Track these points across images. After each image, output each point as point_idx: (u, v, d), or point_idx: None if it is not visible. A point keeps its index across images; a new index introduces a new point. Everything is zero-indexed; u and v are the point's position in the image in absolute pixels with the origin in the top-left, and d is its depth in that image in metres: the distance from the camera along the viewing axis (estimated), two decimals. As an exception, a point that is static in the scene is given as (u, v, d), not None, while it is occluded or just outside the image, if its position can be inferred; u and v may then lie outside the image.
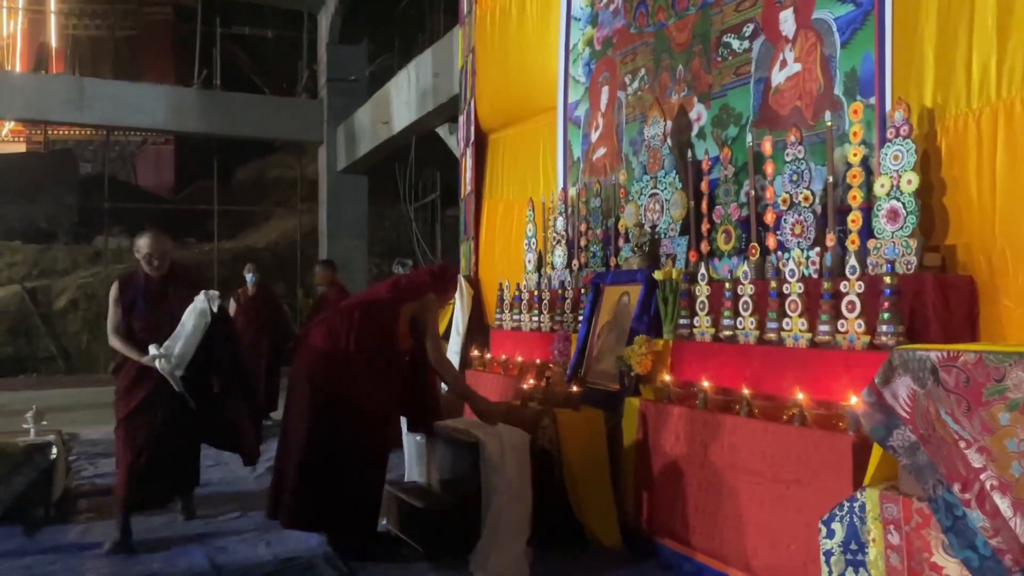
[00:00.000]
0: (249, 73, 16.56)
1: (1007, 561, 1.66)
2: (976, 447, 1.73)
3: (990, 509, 1.70)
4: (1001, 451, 1.69)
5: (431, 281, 3.99)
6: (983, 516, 1.71)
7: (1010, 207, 2.84)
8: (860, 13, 3.49)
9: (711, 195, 4.08)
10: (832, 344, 3.13)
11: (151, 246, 4.00)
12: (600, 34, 5.39)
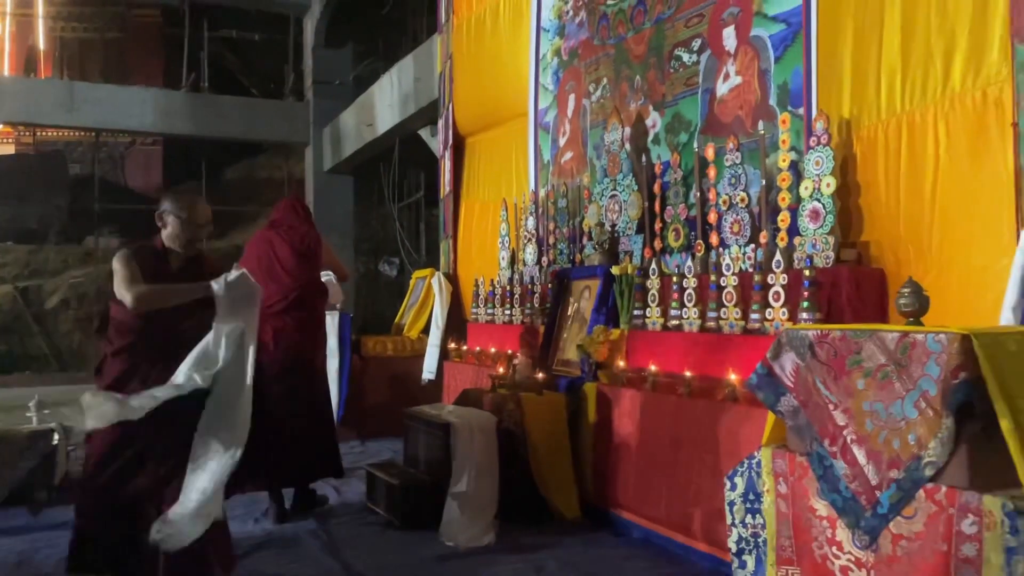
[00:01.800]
0: (238, 75, 16.82)
1: (863, 500, 2.02)
2: (841, 408, 2.09)
3: (850, 459, 2.06)
4: (858, 411, 2.05)
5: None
6: (845, 465, 2.07)
7: (912, 207, 3.21)
8: (791, 32, 3.85)
9: (663, 197, 4.44)
10: (761, 330, 3.49)
11: (206, 213, 3.07)
12: (567, 45, 5.75)
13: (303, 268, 4.37)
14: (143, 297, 2.82)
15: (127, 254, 2.95)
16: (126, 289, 2.83)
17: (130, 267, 2.89)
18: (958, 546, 1.79)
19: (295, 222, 4.49)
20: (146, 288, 2.83)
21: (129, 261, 2.91)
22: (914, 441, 1.90)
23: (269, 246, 4.38)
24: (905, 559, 1.90)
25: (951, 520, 1.81)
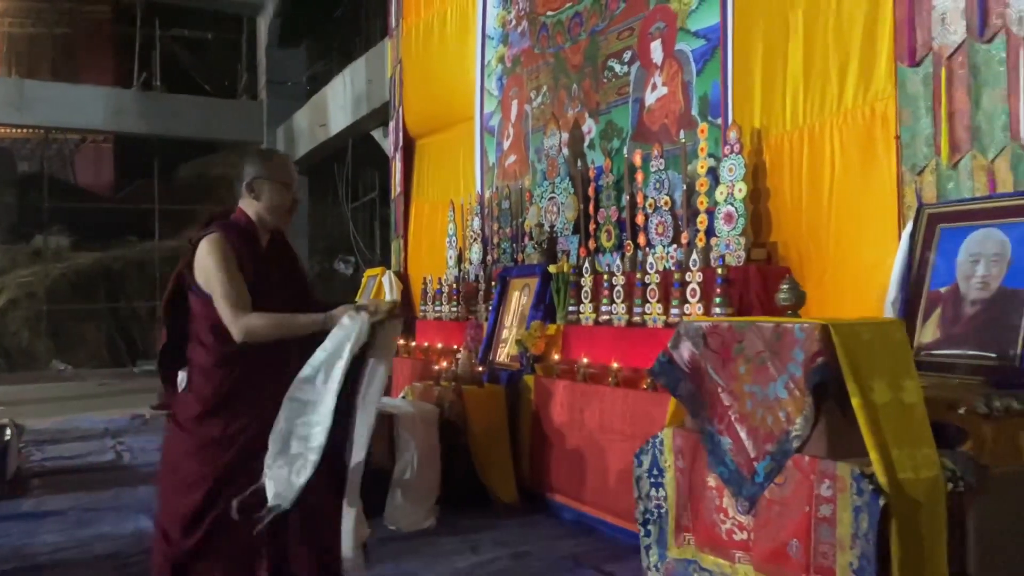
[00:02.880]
0: (192, 74, 16.75)
1: (744, 471, 2.29)
2: (727, 391, 2.37)
3: (734, 435, 2.33)
4: (741, 393, 2.32)
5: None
6: (730, 440, 2.34)
7: (812, 211, 3.52)
8: (710, 47, 4.14)
9: (597, 199, 4.71)
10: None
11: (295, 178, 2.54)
12: (510, 52, 5.99)
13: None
14: (254, 332, 2.25)
15: (220, 241, 2.29)
16: (232, 314, 2.24)
17: (229, 266, 2.27)
18: (817, 507, 2.07)
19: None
20: (258, 320, 2.24)
21: (226, 253, 2.27)
22: (784, 418, 2.18)
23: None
24: (777, 520, 2.18)
25: (812, 485, 2.09)
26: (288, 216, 2.49)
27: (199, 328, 2.36)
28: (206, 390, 2.34)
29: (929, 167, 2.98)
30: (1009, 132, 2.73)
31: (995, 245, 2.70)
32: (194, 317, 2.36)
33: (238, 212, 2.43)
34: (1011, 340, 2.56)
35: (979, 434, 2.13)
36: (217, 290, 2.27)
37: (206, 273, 2.29)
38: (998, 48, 2.76)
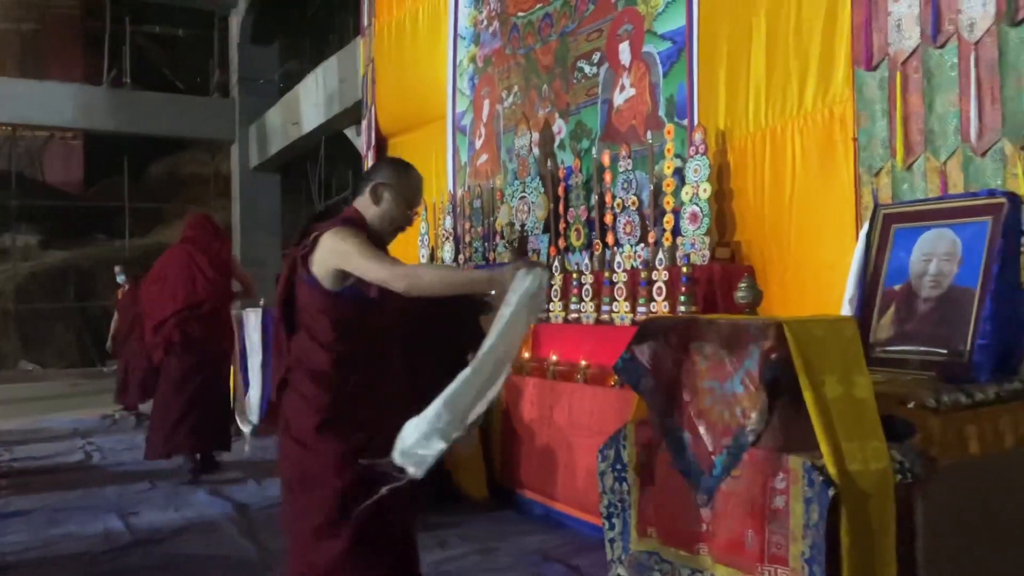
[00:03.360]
0: (163, 71, 16.59)
1: (703, 465, 2.36)
2: (687, 387, 2.43)
3: (693, 430, 2.39)
4: (700, 388, 2.38)
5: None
6: (689, 435, 2.40)
7: (774, 211, 3.60)
8: (676, 49, 4.21)
9: (567, 199, 4.76)
10: (647, 322, 3.84)
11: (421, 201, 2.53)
12: (482, 52, 6.03)
13: (220, 281, 5.16)
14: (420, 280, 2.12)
15: (352, 229, 2.22)
16: (390, 268, 2.12)
17: (367, 242, 2.19)
18: (771, 499, 2.13)
19: (210, 239, 5.26)
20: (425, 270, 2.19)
21: (363, 237, 2.19)
22: (740, 413, 2.24)
23: (190, 260, 5.12)
24: (734, 512, 2.24)
25: (766, 477, 2.15)
26: (395, 233, 2.42)
27: (319, 327, 2.24)
28: (324, 398, 2.22)
29: (885, 168, 3.06)
30: (960, 135, 2.82)
31: (947, 244, 2.78)
32: (311, 317, 2.25)
33: (352, 211, 2.34)
34: (961, 336, 2.65)
35: (927, 427, 2.20)
36: (364, 262, 2.13)
37: (341, 256, 2.16)
38: (950, 53, 2.85)
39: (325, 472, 2.22)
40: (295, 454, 2.27)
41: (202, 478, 5.05)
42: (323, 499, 2.22)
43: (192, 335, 5.03)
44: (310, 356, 2.25)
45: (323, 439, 2.23)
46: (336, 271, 2.20)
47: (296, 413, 2.27)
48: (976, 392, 2.40)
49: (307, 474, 2.25)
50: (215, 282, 5.14)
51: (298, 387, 2.26)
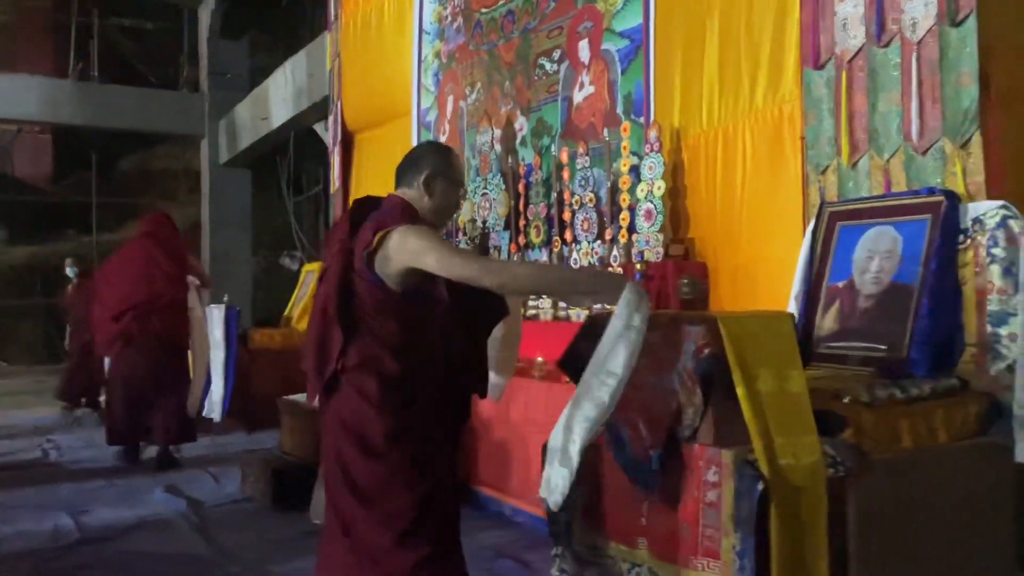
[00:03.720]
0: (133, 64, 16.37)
1: (641, 459, 2.37)
2: (628, 382, 2.44)
3: (634, 425, 2.40)
4: (642, 383, 2.38)
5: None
6: (629, 430, 2.42)
7: (726, 208, 3.62)
8: (634, 47, 4.23)
9: (527, 196, 4.76)
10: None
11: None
12: (446, 48, 6.01)
13: (177, 275, 5.31)
14: (516, 278, 2.04)
15: (423, 227, 2.10)
16: (479, 263, 2.04)
17: (443, 238, 2.11)
18: (705, 492, 2.15)
19: (167, 234, 5.45)
20: (520, 266, 2.09)
21: (433, 231, 2.09)
22: (677, 408, 2.26)
23: (147, 255, 5.29)
24: (670, 506, 2.26)
25: (701, 472, 2.17)
26: (447, 222, 2.34)
27: (386, 331, 2.12)
28: (395, 402, 2.13)
29: (831, 167, 3.10)
30: (902, 134, 2.86)
31: (888, 242, 2.83)
32: (376, 320, 2.12)
33: (402, 204, 2.17)
34: (900, 333, 2.69)
35: (860, 422, 2.23)
36: (445, 259, 1.99)
37: (415, 255, 2.02)
38: (893, 53, 2.89)
39: (401, 479, 2.15)
40: (362, 461, 2.15)
41: (160, 474, 5.01)
42: (403, 507, 2.15)
43: (151, 328, 5.20)
44: (378, 360, 2.12)
45: (396, 446, 2.14)
46: (406, 270, 2.07)
47: (362, 419, 2.14)
48: (912, 388, 2.43)
49: (382, 482, 2.15)
50: (173, 276, 5.31)
51: (364, 391, 2.12)
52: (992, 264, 2.55)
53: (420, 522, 2.18)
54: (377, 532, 2.17)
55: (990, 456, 2.46)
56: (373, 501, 2.17)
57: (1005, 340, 2.51)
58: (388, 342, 2.13)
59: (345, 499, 2.19)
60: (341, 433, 2.18)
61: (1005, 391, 2.50)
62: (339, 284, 2.15)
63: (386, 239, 2.06)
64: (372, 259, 2.08)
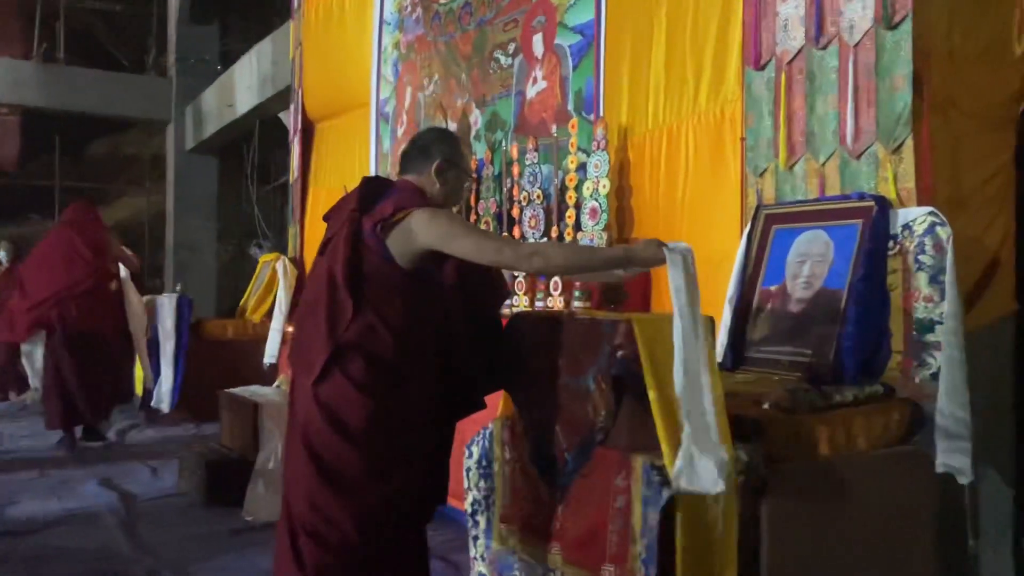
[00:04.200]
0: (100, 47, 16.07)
1: (558, 463, 2.32)
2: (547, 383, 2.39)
3: (550, 427, 2.36)
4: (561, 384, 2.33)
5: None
6: (545, 431, 2.37)
7: (668, 209, 3.58)
8: (585, 43, 4.17)
9: (478, 191, 4.70)
10: (543, 317, 3.80)
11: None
12: (405, 39, 5.93)
13: (97, 261, 5.51)
14: (550, 259, 2.01)
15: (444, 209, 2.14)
16: (512, 246, 2.01)
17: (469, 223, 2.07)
18: (614, 497, 2.10)
19: (88, 222, 5.68)
20: (553, 247, 1.97)
21: (457, 215, 2.09)
22: (592, 410, 2.21)
23: (69, 242, 5.48)
24: (583, 512, 2.21)
25: (611, 476, 2.12)
26: (456, 206, 2.37)
27: (390, 309, 2.07)
28: (380, 386, 2.06)
29: (770, 169, 3.06)
30: (838, 138, 2.82)
31: (820, 246, 2.79)
32: (381, 296, 2.07)
33: (416, 189, 2.17)
34: (828, 339, 2.66)
35: (776, 429, 2.19)
36: (476, 242, 1.98)
37: (442, 238, 2.00)
38: (832, 55, 2.85)
39: (376, 469, 2.09)
40: (337, 446, 2.07)
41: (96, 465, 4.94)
42: (372, 499, 2.11)
43: (69, 315, 5.36)
44: (372, 338, 2.06)
45: (376, 432, 2.08)
46: (424, 251, 2.04)
47: (343, 400, 2.06)
48: (835, 394, 2.40)
49: (355, 470, 2.08)
50: (92, 264, 5.48)
51: (350, 372, 2.05)
52: (919, 271, 2.52)
53: (385, 518, 2.13)
54: (341, 522, 2.09)
55: (910, 465, 2.44)
56: (342, 490, 2.09)
57: (930, 348, 2.49)
58: (389, 320, 2.07)
59: (310, 485, 2.10)
60: (317, 415, 2.09)
61: (929, 399, 2.47)
62: (348, 253, 2.08)
63: (409, 217, 2.03)
64: (387, 232, 2.04)
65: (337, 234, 2.16)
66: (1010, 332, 2.98)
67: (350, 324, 2.07)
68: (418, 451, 2.22)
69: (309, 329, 2.19)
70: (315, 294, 2.18)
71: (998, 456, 2.89)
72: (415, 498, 2.22)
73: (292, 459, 2.19)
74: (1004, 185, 2.88)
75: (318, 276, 2.20)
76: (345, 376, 2.07)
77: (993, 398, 2.91)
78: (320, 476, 2.10)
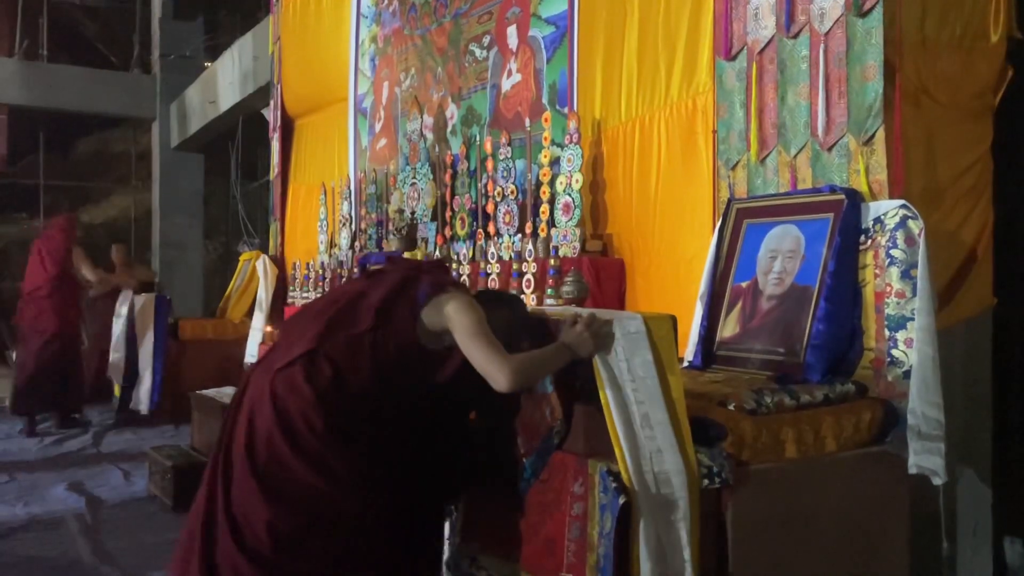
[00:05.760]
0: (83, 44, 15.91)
1: (517, 468, 2.25)
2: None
3: (510, 431, 2.28)
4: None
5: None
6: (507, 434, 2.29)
7: (641, 203, 3.50)
8: (559, 35, 4.09)
9: (453, 186, 4.61)
10: (516, 315, 3.72)
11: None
12: (382, 32, 5.83)
13: (54, 273, 6.21)
14: (523, 372, 1.98)
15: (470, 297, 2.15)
16: (500, 359, 1.96)
17: (486, 322, 2.05)
18: (571, 504, 2.03)
19: (55, 236, 6.35)
20: (521, 363, 1.97)
21: (481, 312, 2.06)
22: (550, 414, 2.13)
23: (37, 254, 6.30)
24: (540, 518, 2.13)
25: (568, 483, 2.04)
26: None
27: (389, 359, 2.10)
28: (336, 411, 2.05)
29: (741, 162, 2.98)
30: (810, 129, 2.74)
31: (791, 242, 2.72)
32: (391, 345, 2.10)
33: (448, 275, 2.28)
34: (798, 336, 2.59)
35: (740, 430, 2.11)
36: (483, 345, 1.99)
37: (459, 326, 2.04)
38: (802, 44, 2.77)
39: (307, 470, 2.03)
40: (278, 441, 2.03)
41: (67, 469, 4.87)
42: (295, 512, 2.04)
43: (24, 318, 6.23)
44: (353, 364, 2.07)
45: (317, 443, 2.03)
46: (441, 329, 2.09)
47: (297, 399, 2.04)
48: (803, 394, 2.32)
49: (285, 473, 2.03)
50: (50, 273, 6.20)
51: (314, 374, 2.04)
52: (891, 266, 2.44)
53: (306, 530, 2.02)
54: (258, 520, 2.00)
55: (882, 466, 2.36)
56: (273, 497, 2.01)
57: (902, 345, 2.41)
58: (381, 361, 2.09)
59: (241, 482, 2.03)
60: (267, 408, 2.05)
61: (901, 398, 2.39)
62: (394, 288, 2.15)
63: (447, 297, 2.09)
64: (434, 295, 2.11)
65: (393, 271, 2.24)
66: (988, 327, 2.91)
67: (347, 339, 2.08)
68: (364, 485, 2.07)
69: (296, 328, 2.19)
70: (327, 305, 2.20)
71: (976, 456, 2.83)
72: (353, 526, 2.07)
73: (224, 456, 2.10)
74: (981, 177, 2.80)
75: (342, 292, 2.27)
76: (308, 377, 2.04)
77: (971, 395, 2.84)
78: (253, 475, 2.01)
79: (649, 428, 1.97)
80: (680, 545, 1.94)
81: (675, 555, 1.93)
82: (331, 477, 2.02)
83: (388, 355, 2.09)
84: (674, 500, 1.94)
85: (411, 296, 2.13)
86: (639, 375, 1.97)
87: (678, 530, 1.94)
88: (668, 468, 1.94)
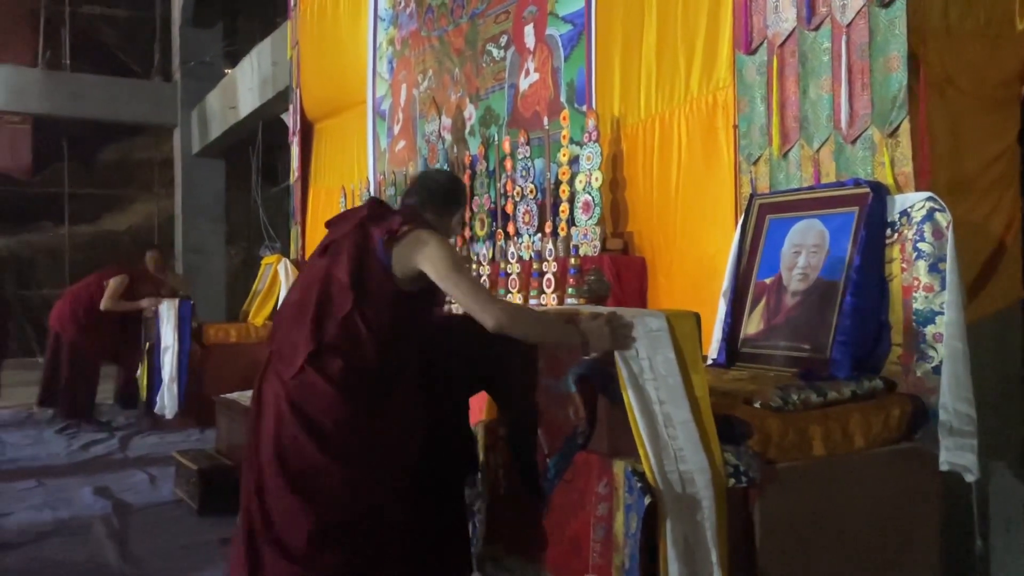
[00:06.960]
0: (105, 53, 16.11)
1: (540, 468, 2.23)
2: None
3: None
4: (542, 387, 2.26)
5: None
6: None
7: (662, 200, 3.47)
8: (576, 33, 4.07)
9: (472, 187, 4.60)
10: (537, 315, 3.70)
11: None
12: (400, 35, 5.84)
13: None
14: (515, 318, 2.01)
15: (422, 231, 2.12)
16: (487, 298, 2.01)
17: (462, 259, 2.16)
18: (596, 505, 2.01)
19: (94, 282, 6.81)
20: (518, 309, 2.05)
21: (454, 249, 2.17)
22: (573, 413, 2.11)
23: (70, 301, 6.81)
24: (565, 519, 2.12)
25: (592, 483, 2.03)
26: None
27: (379, 320, 2.09)
28: (361, 388, 2.08)
29: (763, 157, 2.95)
30: (832, 122, 2.71)
31: (815, 236, 2.68)
32: (374, 306, 2.09)
33: (419, 213, 2.24)
34: (824, 332, 2.55)
35: (766, 429, 2.08)
36: (458, 281, 2.03)
37: (433, 263, 2.05)
38: (824, 36, 2.74)
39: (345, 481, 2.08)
40: (308, 451, 2.06)
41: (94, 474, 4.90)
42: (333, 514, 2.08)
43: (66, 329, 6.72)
44: (354, 344, 2.08)
45: (350, 438, 2.08)
46: (417, 273, 2.09)
47: (317, 399, 2.07)
48: (830, 391, 2.29)
49: (321, 479, 2.06)
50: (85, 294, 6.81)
51: (327, 371, 2.07)
52: (919, 259, 2.40)
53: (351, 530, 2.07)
54: (298, 526, 2.04)
55: (912, 463, 2.32)
56: (310, 499, 2.05)
57: (931, 340, 2.37)
58: (375, 329, 2.08)
59: (276, 492, 2.07)
60: (288, 417, 2.08)
61: (931, 394, 2.35)
62: (353, 256, 2.12)
63: (413, 233, 2.09)
64: (392, 245, 2.08)
65: (343, 238, 2.19)
66: (1018, 320, 2.85)
67: (337, 325, 2.08)
68: (398, 466, 2.15)
69: (289, 329, 2.18)
70: (304, 294, 2.19)
71: (1007, 451, 2.77)
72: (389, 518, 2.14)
73: (255, 467, 2.12)
74: (1009, 167, 2.75)
75: (312, 276, 2.22)
76: (322, 375, 2.07)
77: (1001, 390, 2.78)
78: (287, 483, 2.03)
79: (672, 427, 1.95)
80: (707, 545, 1.91)
81: (703, 555, 1.90)
82: (363, 465, 2.07)
83: (381, 318, 2.10)
84: (699, 500, 1.91)
85: (372, 255, 2.11)
86: (661, 373, 1.95)
87: (704, 530, 1.92)
88: (691, 467, 1.92)
